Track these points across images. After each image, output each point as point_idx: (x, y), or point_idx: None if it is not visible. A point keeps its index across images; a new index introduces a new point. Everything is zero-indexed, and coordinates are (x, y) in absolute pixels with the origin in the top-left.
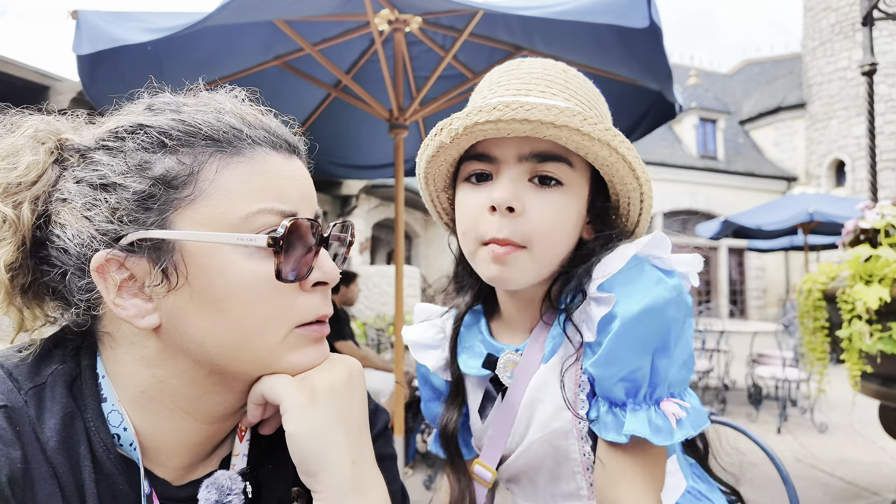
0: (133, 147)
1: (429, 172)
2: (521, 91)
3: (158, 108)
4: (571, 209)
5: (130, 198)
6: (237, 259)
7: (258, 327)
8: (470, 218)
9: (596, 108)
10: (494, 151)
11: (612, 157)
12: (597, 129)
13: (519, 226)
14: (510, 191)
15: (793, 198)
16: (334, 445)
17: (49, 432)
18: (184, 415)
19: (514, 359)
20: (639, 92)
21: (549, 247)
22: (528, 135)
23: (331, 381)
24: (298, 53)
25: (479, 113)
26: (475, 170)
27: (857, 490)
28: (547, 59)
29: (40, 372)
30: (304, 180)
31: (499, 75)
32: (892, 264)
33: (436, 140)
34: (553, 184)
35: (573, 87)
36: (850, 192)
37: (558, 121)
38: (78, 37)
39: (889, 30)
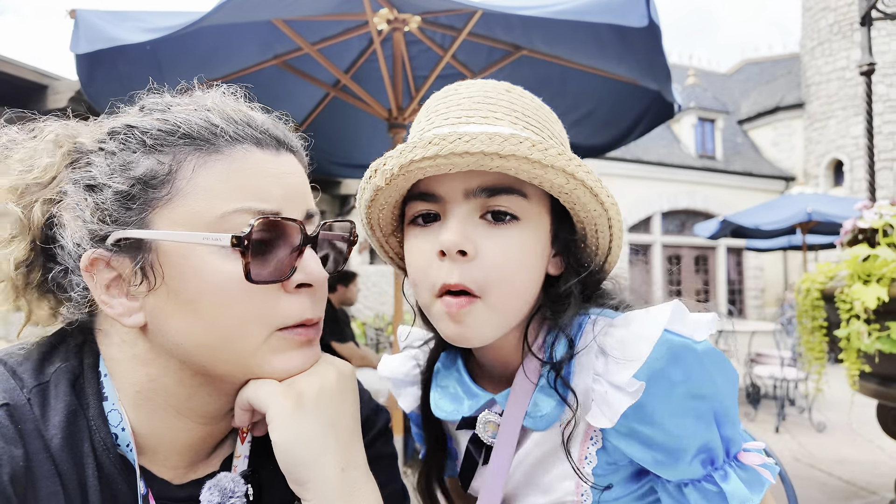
0: (119, 148)
1: (371, 217)
2: (462, 119)
3: (149, 109)
4: (531, 246)
5: (113, 198)
6: (212, 259)
7: (235, 329)
8: (419, 265)
9: (548, 128)
10: (439, 189)
11: (569, 184)
12: (548, 154)
13: (472, 270)
14: (459, 232)
15: (791, 197)
16: (322, 453)
17: (53, 430)
18: (177, 414)
19: (494, 419)
20: (637, 91)
21: (509, 293)
22: (473, 168)
23: (319, 386)
24: (297, 53)
25: (414, 149)
26: (420, 210)
27: (854, 489)
28: (488, 80)
29: (44, 370)
30: (293, 178)
31: (436, 102)
32: (889, 264)
33: (371, 183)
34: (508, 219)
35: (519, 107)
36: (848, 191)
37: (503, 150)
38: (76, 36)
39: (887, 30)
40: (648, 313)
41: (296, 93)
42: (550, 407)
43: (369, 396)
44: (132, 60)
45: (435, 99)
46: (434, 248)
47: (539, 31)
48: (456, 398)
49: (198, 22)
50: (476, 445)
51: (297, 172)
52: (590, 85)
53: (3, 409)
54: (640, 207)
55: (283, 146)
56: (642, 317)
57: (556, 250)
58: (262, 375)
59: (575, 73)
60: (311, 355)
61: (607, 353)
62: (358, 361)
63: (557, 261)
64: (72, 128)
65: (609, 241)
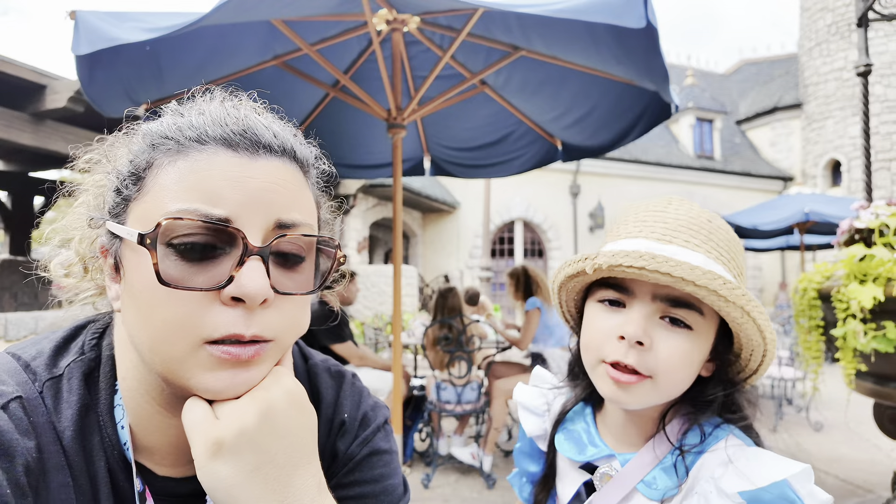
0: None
1: (563, 286)
2: (666, 236)
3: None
4: (696, 352)
5: (111, 192)
6: (148, 256)
7: (162, 333)
8: (597, 337)
9: (734, 259)
10: (631, 286)
11: (743, 318)
12: (734, 294)
13: (646, 358)
14: (642, 327)
15: (789, 198)
16: (246, 500)
17: (66, 422)
18: (160, 408)
19: (611, 473)
20: (635, 92)
21: (672, 382)
22: (667, 284)
23: (244, 423)
24: (297, 53)
25: (626, 257)
26: (609, 297)
27: (851, 488)
28: (693, 206)
29: (57, 363)
30: (260, 183)
31: (645, 213)
32: (886, 264)
33: (577, 265)
34: (682, 326)
35: (716, 238)
36: (845, 191)
37: (699, 281)
38: (77, 37)
39: (885, 31)
40: (783, 458)
41: (295, 93)
42: (664, 483)
43: (368, 393)
44: (132, 62)
45: (646, 208)
46: (615, 331)
47: (537, 31)
48: (579, 443)
49: (197, 22)
50: (587, 489)
51: (273, 178)
52: (588, 85)
53: (16, 402)
54: None
55: (265, 150)
56: (775, 457)
57: (711, 357)
58: (191, 388)
59: (573, 73)
60: (245, 378)
61: (731, 463)
62: (357, 361)
63: (710, 366)
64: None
65: (758, 365)
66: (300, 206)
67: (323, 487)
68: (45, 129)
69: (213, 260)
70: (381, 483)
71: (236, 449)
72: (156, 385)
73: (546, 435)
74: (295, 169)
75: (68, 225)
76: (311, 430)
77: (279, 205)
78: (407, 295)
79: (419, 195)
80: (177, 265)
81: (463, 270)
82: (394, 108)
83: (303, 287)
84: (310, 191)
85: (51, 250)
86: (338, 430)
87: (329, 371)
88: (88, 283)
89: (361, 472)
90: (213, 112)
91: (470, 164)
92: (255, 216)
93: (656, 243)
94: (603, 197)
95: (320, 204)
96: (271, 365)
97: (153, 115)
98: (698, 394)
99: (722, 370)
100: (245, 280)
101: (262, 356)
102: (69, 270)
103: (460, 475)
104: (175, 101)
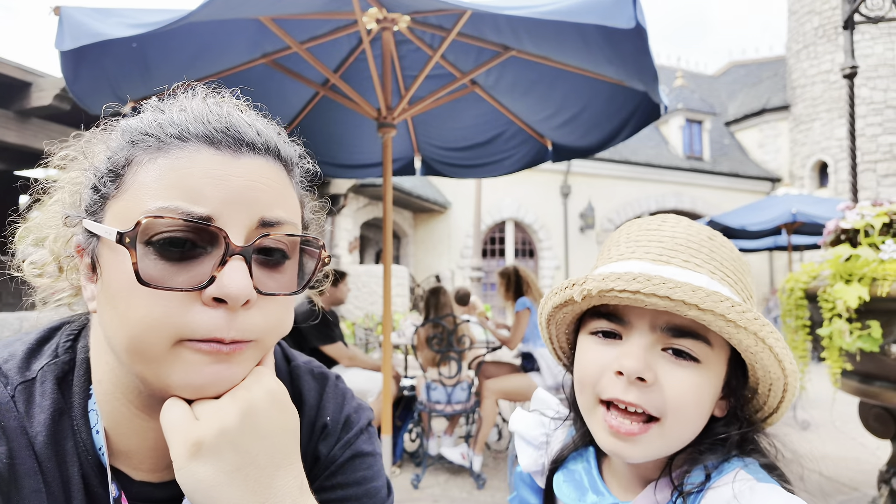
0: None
1: (552, 318)
2: (663, 257)
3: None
4: (707, 388)
5: (89, 189)
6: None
7: (139, 332)
8: (591, 373)
9: (741, 280)
10: (627, 315)
11: (757, 346)
12: (744, 317)
13: (650, 396)
14: (642, 360)
15: (777, 198)
16: (225, 501)
17: (38, 427)
18: (138, 412)
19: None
20: (625, 93)
21: (683, 423)
22: (669, 310)
23: (224, 423)
24: (286, 52)
25: (617, 280)
26: (603, 328)
27: (837, 486)
28: (691, 223)
29: (30, 366)
30: (243, 182)
31: (638, 232)
32: (871, 264)
33: (565, 293)
34: (688, 359)
35: (719, 257)
36: (832, 192)
37: (703, 304)
38: (60, 33)
39: (870, 33)
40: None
41: (285, 92)
42: None
43: (351, 395)
44: (118, 59)
45: (637, 228)
46: (610, 364)
47: (528, 31)
48: (580, 487)
49: (184, 18)
50: None
51: (255, 176)
52: (578, 86)
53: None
54: (629, 208)
55: (248, 148)
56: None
57: (724, 394)
58: (170, 387)
59: (563, 74)
60: (226, 374)
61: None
62: (346, 362)
63: (723, 403)
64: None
65: (779, 401)
66: (284, 205)
67: (305, 489)
68: (31, 127)
69: (194, 259)
70: (364, 486)
71: (216, 449)
72: (133, 387)
73: (543, 471)
74: (279, 167)
75: (42, 223)
76: (294, 431)
77: (262, 203)
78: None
79: (410, 195)
80: (156, 264)
81: (454, 270)
82: (384, 107)
83: (286, 287)
84: (294, 189)
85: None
86: (320, 433)
87: (312, 373)
88: (63, 284)
89: (344, 475)
90: (194, 109)
91: (460, 163)
92: (238, 215)
93: (651, 264)
94: (593, 197)
95: (304, 203)
96: (252, 364)
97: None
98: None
99: (737, 409)
100: (227, 280)
101: (243, 352)
102: (43, 270)
103: (450, 475)
104: (156, 97)
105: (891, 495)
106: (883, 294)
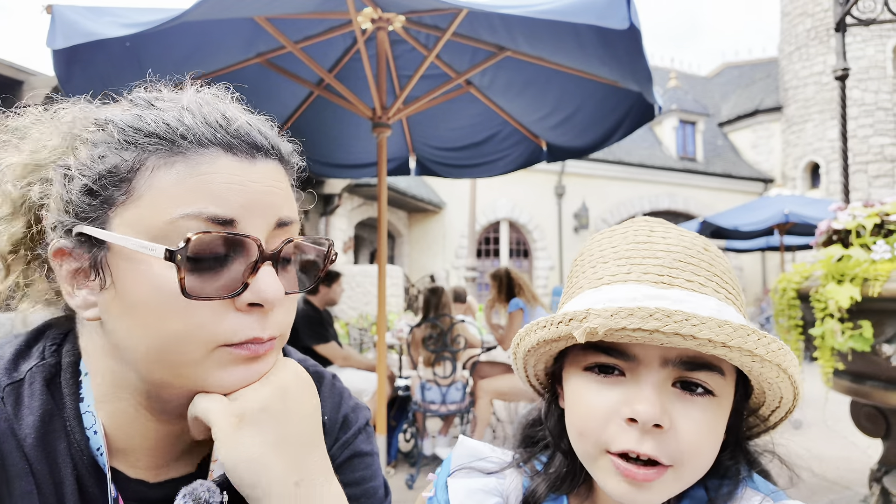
0: (96, 140)
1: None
2: (664, 278)
3: (135, 103)
4: (721, 422)
5: (80, 191)
6: (156, 267)
7: (172, 342)
8: (594, 421)
9: (739, 293)
10: (634, 349)
11: (779, 377)
12: (770, 349)
13: (668, 444)
14: (658, 405)
15: (769, 199)
16: (269, 472)
17: (27, 429)
18: (144, 412)
19: None
20: (619, 93)
21: (699, 466)
22: (690, 348)
23: (262, 402)
24: (280, 51)
25: (630, 318)
26: (601, 362)
27: (828, 484)
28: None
29: (18, 368)
30: (261, 186)
31: (627, 247)
32: (862, 264)
33: (558, 329)
34: (702, 393)
35: (718, 271)
36: (824, 193)
37: (731, 341)
38: (52, 31)
39: (862, 35)
40: None
41: (279, 91)
42: None
43: (349, 394)
44: (112, 58)
45: (625, 240)
46: (618, 410)
47: (522, 32)
48: None
49: (177, 18)
50: None
51: (270, 181)
52: (572, 87)
53: None
54: (622, 209)
55: (261, 153)
56: None
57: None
58: (204, 388)
59: (558, 74)
60: (255, 370)
61: None
62: (341, 362)
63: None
64: (92, 112)
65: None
66: (291, 204)
67: (330, 473)
68: None
69: (224, 267)
70: (363, 486)
71: (258, 422)
72: (141, 390)
73: None
74: (282, 167)
75: None
76: (319, 414)
77: (277, 205)
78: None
79: (405, 195)
80: (191, 276)
81: (449, 270)
82: (379, 107)
83: (295, 284)
84: (292, 186)
85: None
86: None
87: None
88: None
89: (343, 474)
90: (205, 113)
91: (455, 164)
92: (258, 219)
93: (653, 287)
94: (587, 198)
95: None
96: (276, 358)
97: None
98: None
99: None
100: (263, 286)
101: (273, 349)
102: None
103: None
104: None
105: (882, 494)
106: (874, 294)
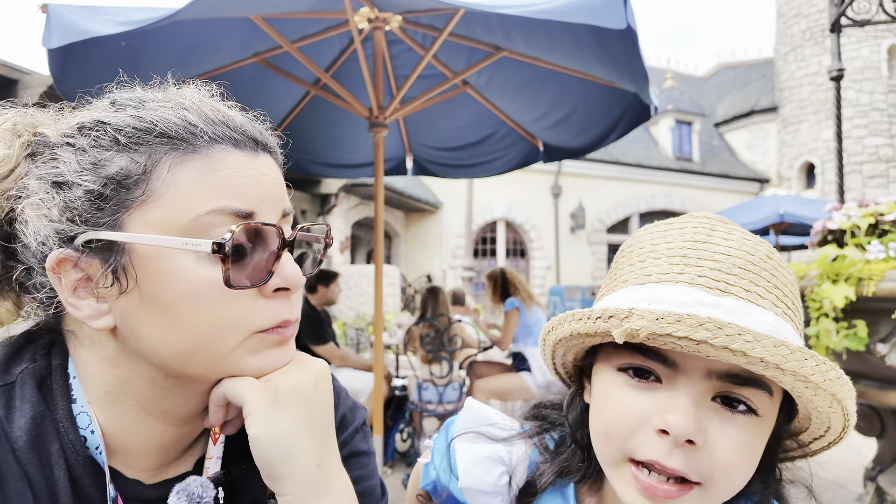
0: (89, 144)
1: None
2: (720, 284)
3: (121, 104)
4: (759, 444)
5: (83, 197)
6: (187, 263)
7: (210, 334)
8: (622, 425)
9: (799, 309)
10: (675, 356)
11: (832, 406)
12: (827, 377)
13: (699, 461)
14: (694, 419)
15: (765, 199)
16: (299, 449)
17: (19, 431)
18: (149, 416)
19: None
20: (616, 94)
21: (728, 488)
22: (737, 363)
23: (295, 383)
24: (277, 51)
25: (677, 325)
26: (637, 364)
27: (824, 483)
28: (743, 232)
29: (9, 370)
30: (269, 179)
31: (683, 244)
32: (857, 264)
33: (595, 325)
34: (742, 409)
35: (780, 284)
36: (819, 193)
37: (786, 364)
38: (47, 30)
39: (857, 36)
40: None
41: (276, 91)
42: None
43: (346, 394)
44: (107, 57)
45: (682, 236)
46: (649, 419)
47: (519, 32)
48: None
49: (173, 16)
50: None
51: (274, 173)
52: (569, 87)
53: None
54: (619, 209)
55: (260, 147)
56: None
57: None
58: (236, 374)
59: (555, 74)
60: (285, 354)
61: None
62: (338, 362)
63: None
64: (31, 116)
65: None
66: (287, 194)
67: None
68: None
69: (252, 256)
70: (360, 485)
71: (292, 400)
72: (149, 395)
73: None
74: (276, 161)
75: None
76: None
77: (281, 196)
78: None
79: (402, 195)
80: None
81: (445, 270)
82: (375, 106)
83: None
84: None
85: None
86: None
87: None
88: None
89: None
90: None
91: (452, 163)
92: (270, 210)
93: (706, 293)
94: (584, 198)
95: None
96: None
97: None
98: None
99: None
100: (289, 271)
101: (294, 335)
102: None
103: None
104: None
105: (877, 492)
106: (869, 294)
